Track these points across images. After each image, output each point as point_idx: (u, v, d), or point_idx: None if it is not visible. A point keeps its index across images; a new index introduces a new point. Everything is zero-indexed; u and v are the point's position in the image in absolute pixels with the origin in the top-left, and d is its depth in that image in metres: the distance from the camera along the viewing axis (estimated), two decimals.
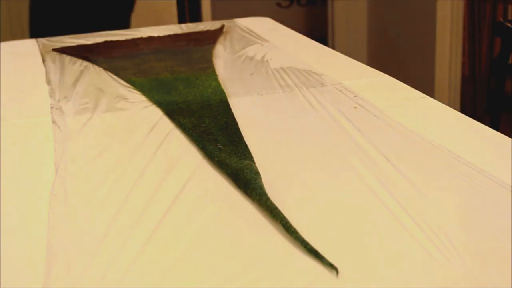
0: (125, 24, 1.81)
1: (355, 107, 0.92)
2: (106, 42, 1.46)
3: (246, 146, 0.79)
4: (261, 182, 0.67)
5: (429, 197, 0.65)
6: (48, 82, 1.15)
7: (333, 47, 3.09)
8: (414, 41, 2.91)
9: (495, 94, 2.01)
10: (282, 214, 0.60)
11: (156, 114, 0.94)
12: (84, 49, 1.40)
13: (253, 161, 0.74)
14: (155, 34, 1.54)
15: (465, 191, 0.66)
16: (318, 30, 3.43)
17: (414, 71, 2.91)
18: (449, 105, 0.92)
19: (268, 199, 0.63)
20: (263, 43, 1.38)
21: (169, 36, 1.52)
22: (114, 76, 1.17)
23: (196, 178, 0.72)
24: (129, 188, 0.70)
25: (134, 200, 0.67)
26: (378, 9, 3.15)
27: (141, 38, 1.50)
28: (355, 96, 0.97)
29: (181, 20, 2.72)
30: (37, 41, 1.53)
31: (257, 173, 0.69)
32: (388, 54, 3.12)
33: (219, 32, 1.52)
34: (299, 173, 0.73)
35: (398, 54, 3.03)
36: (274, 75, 1.12)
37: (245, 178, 0.68)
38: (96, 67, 1.24)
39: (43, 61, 1.32)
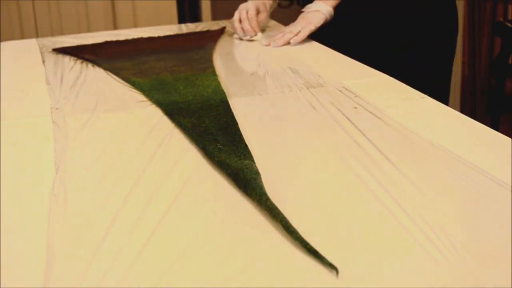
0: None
1: (355, 107, 0.92)
2: (106, 42, 1.46)
3: (246, 146, 0.79)
4: (261, 182, 0.67)
5: (429, 197, 0.65)
6: (48, 82, 1.15)
7: None
8: None
9: (495, 94, 2.01)
10: (282, 214, 0.60)
11: (156, 114, 0.94)
12: (84, 49, 1.40)
13: (253, 161, 0.74)
14: (155, 34, 1.54)
15: (465, 191, 0.66)
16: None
17: None
18: (449, 105, 0.92)
19: (268, 199, 0.63)
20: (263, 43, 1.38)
21: (169, 36, 1.52)
22: (114, 76, 1.17)
23: (196, 178, 0.72)
24: (129, 188, 0.70)
25: (134, 200, 0.67)
26: None
27: (141, 38, 1.50)
28: (355, 96, 0.97)
29: (181, 20, 2.71)
30: (37, 41, 1.53)
31: (257, 173, 0.69)
32: None
33: (219, 32, 1.52)
34: (299, 173, 0.73)
35: None
36: (274, 75, 1.12)
37: (245, 178, 0.68)
38: (96, 67, 1.24)
39: (43, 61, 1.32)
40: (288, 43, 1.34)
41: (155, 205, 0.66)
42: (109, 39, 1.49)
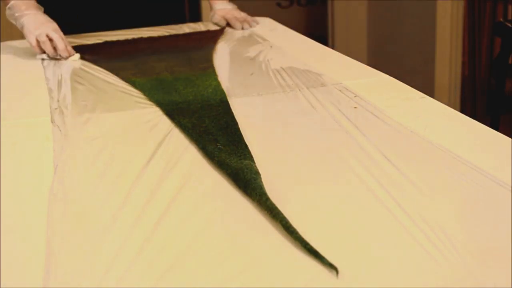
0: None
1: (355, 107, 0.92)
2: (106, 42, 1.46)
3: (246, 146, 0.79)
4: (261, 182, 0.67)
5: (429, 197, 0.65)
6: (48, 82, 1.15)
7: (333, 47, 3.09)
8: (414, 41, 2.91)
9: (495, 94, 2.01)
10: (282, 214, 0.60)
11: (156, 114, 0.94)
12: (84, 49, 1.40)
13: (253, 161, 0.74)
14: (155, 34, 1.54)
15: (465, 191, 0.66)
16: (318, 30, 3.43)
17: (414, 71, 2.91)
18: (449, 105, 0.92)
19: (268, 199, 0.63)
20: (263, 43, 1.38)
21: (169, 36, 1.52)
22: (114, 76, 1.17)
23: (196, 178, 0.72)
24: (129, 188, 0.70)
25: (134, 200, 0.67)
26: (378, 9, 3.15)
27: (141, 38, 1.50)
28: (355, 96, 0.97)
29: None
30: None
31: (257, 173, 0.69)
32: (388, 54, 3.12)
33: (219, 32, 1.52)
34: (299, 173, 0.73)
35: (398, 54, 3.03)
36: (274, 75, 1.12)
37: (245, 178, 0.68)
38: (96, 67, 1.24)
39: (43, 61, 1.32)
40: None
41: (155, 205, 0.66)
42: (109, 39, 1.49)
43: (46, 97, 1.06)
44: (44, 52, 1.32)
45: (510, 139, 0.77)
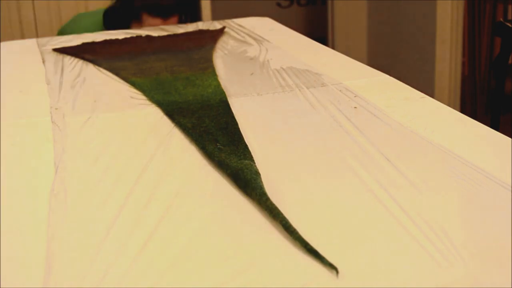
0: None
1: (355, 107, 0.92)
2: (106, 42, 1.46)
3: (246, 146, 0.79)
4: (261, 182, 0.67)
5: (429, 197, 0.65)
6: (48, 82, 1.15)
7: (333, 47, 3.09)
8: (414, 41, 2.91)
9: (495, 94, 2.01)
10: (282, 214, 0.60)
11: (156, 114, 0.94)
12: (84, 49, 1.40)
13: (253, 161, 0.74)
14: (155, 34, 1.54)
15: (465, 191, 0.66)
16: (318, 30, 3.43)
17: (414, 71, 2.91)
18: (449, 105, 0.92)
19: (268, 199, 0.63)
20: (263, 43, 1.38)
21: (169, 36, 1.52)
22: (114, 76, 1.17)
23: (196, 178, 0.72)
24: (129, 188, 0.70)
25: (134, 200, 0.67)
26: (378, 9, 3.15)
27: (141, 38, 1.50)
28: (355, 96, 0.97)
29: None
30: (37, 41, 1.53)
31: (257, 173, 0.69)
32: (388, 54, 3.12)
33: (219, 32, 1.52)
34: (299, 173, 0.73)
35: (398, 54, 3.03)
36: (274, 75, 1.12)
37: (245, 178, 0.68)
38: (96, 67, 1.24)
39: (43, 61, 1.32)
40: None
41: (155, 205, 0.66)
42: (109, 38, 1.49)
43: (46, 97, 1.06)
44: None
45: (510, 139, 0.77)
